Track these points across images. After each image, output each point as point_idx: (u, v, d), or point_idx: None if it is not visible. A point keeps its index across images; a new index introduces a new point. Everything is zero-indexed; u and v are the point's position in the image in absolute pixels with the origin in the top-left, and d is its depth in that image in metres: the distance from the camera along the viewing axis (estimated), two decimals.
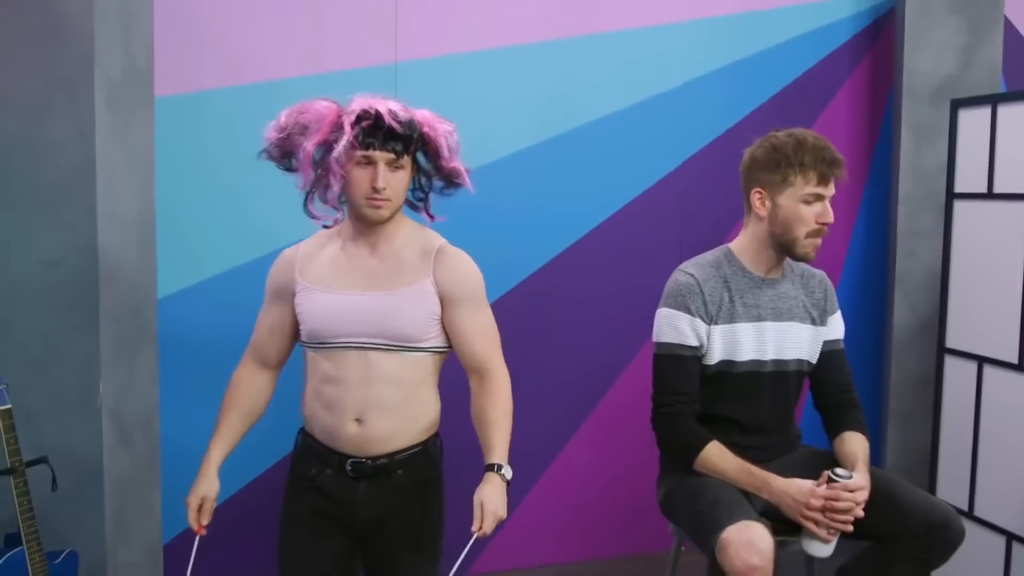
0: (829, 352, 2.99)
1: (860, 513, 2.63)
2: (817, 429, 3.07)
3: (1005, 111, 3.54)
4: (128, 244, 3.24)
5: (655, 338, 2.92)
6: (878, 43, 4.46)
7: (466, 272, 2.59)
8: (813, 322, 2.95)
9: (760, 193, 2.87)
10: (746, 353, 2.87)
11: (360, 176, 2.39)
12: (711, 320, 2.86)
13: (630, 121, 4.15)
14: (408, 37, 3.85)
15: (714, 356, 2.87)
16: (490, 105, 3.99)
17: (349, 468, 2.51)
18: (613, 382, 4.19)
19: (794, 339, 2.92)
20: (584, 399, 4.22)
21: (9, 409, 2.87)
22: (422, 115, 2.46)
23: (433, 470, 2.63)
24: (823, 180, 2.79)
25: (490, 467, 2.47)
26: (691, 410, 2.85)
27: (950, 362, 3.80)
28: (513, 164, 4.02)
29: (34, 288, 3.04)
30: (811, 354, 2.96)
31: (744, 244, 2.94)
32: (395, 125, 2.37)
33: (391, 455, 2.52)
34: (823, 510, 2.63)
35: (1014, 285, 3.46)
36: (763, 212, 2.87)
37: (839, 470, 2.68)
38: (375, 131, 2.36)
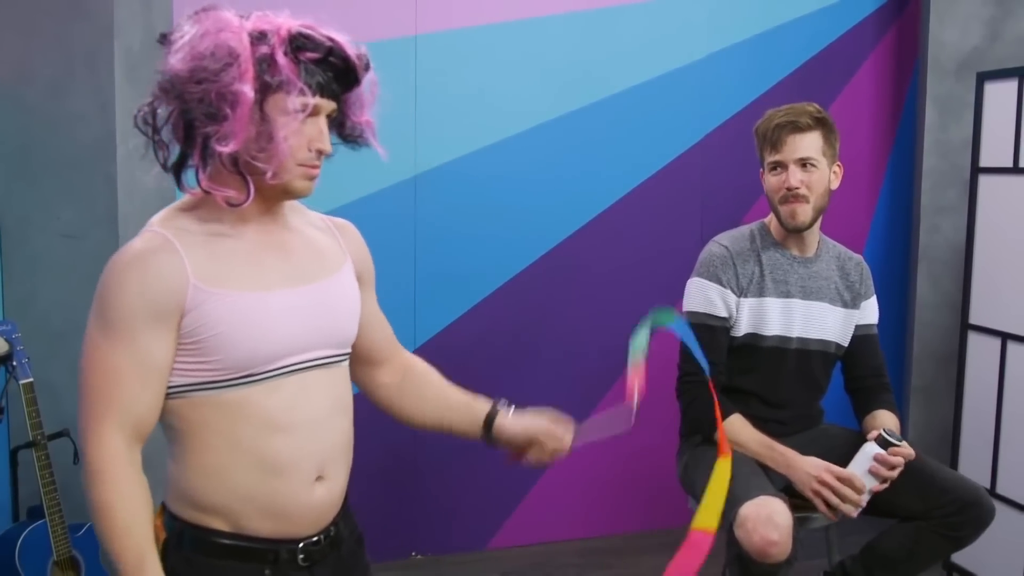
0: (863, 336, 2.97)
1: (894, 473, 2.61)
2: (842, 413, 3.05)
3: None
4: (148, 216, 3.23)
5: (685, 307, 2.92)
6: (903, 15, 4.41)
7: (366, 246, 1.99)
8: (845, 305, 2.93)
9: (762, 172, 2.90)
10: (773, 328, 2.86)
11: (296, 131, 1.64)
12: (741, 292, 2.86)
13: (651, 94, 4.12)
14: (428, 9, 3.83)
15: (741, 328, 2.87)
16: (510, 78, 3.97)
17: (302, 557, 1.75)
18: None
19: (821, 319, 2.90)
20: (603, 374, 4.21)
21: (31, 382, 2.88)
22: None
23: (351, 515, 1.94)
24: (774, 147, 2.80)
25: (492, 409, 2.15)
26: (716, 381, 2.82)
27: (973, 338, 3.77)
28: (534, 137, 4.01)
29: (55, 261, 3.05)
30: (840, 336, 2.94)
31: (774, 220, 2.94)
32: (359, 66, 1.70)
33: (336, 517, 1.84)
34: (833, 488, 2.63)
35: None
36: (765, 187, 2.89)
37: (890, 432, 2.65)
38: (322, 69, 1.65)
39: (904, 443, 2.63)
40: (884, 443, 2.62)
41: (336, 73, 1.67)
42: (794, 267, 2.89)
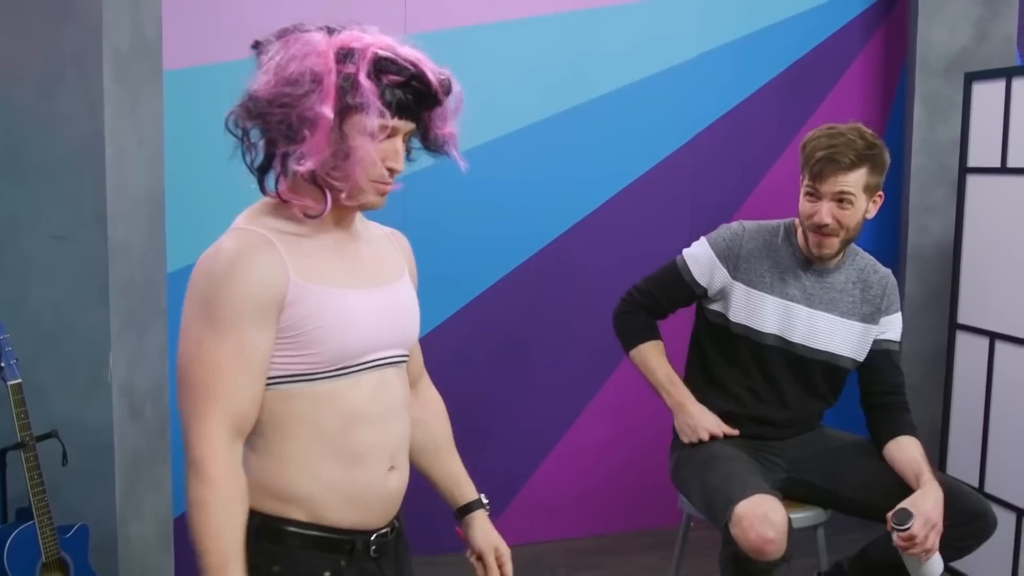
0: (882, 352, 2.94)
1: (930, 542, 2.59)
2: (841, 416, 3.06)
3: (1020, 84, 3.51)
4: (137, 218, 3.24)
5: (682, 250, 2.98)
6: (891, 15, 4.42)
7: (414, 257, 2.07)
8: (863, 319, 2.90)
9: (802, 180, 2.83)
10: (769, 326, 2.85)
11: (373, 151, 1.68)
12: (733, 273, 2.86)
13: (641, 94, 4.13)
14: (417, 9, 3.82)
15: (736, 315, 2.87)
16: (500, 78, 3.97)
17: (374, 548, 1.82)
18: (623, 357, 4.18)
19: (828, 331, 2.87)
20: (594, 374, 4.22)
21: (19, 383, 2.87)
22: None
23: None
24: (814, 177, 2.73)
25: (476, 502, 2.12)
26: (652, 315, 3.05)
27: (962, 337, 3.78)
28: (524, 137, 4.01)
29: (44, 262, 3.04)
30: (854, 350, 2.90)
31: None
32: (440, 91, 1.77)
33: (400, 510, 1.91)
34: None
35: None
36: (799, 206, 2.84)
37: (898, 518, 2.60)
38: (404, 91, 1.69)
39: (911, 524, 2.56)
40: (898, 521, 2.59)
41: (416, 95, 1.71)
42: (807, 274, 2.86)
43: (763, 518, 2.49)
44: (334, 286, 1.73)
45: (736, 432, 2.87)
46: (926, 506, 2.58)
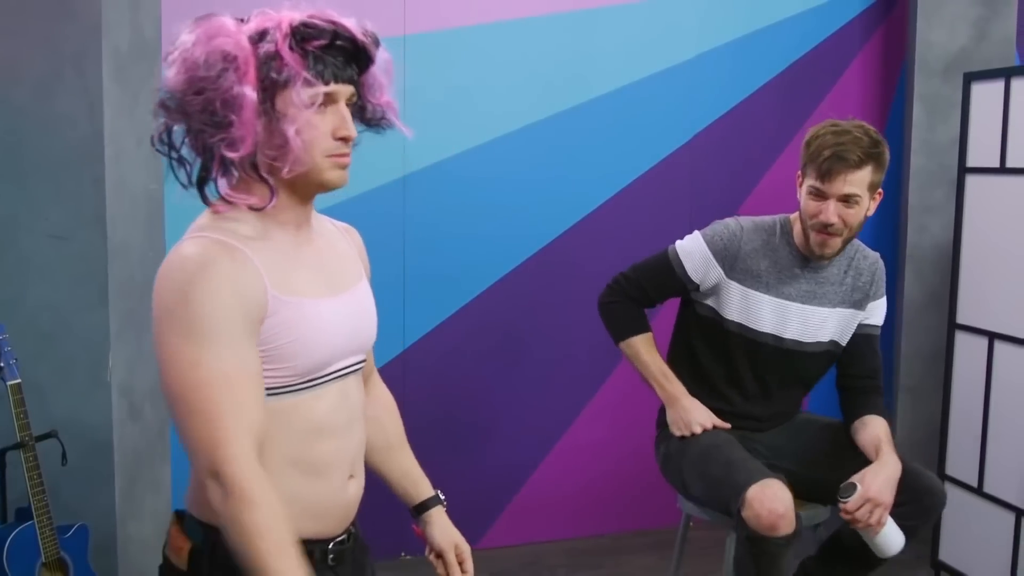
0: (864, 336, 2.95)
1: (874, 518, 2.64)
2: (824, 408, 3.07)
3: (1019, 85, 3.51)
4: (136, 218, 3.24)
5: (677, 243, 2.98)
6: (891, 15, 4.42)
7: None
8: (853, 305, 2.91)
9: (800, 177, 2.82)
10: (766, 325, 2.87)
11: (316, 123, 1.59)
12: (729, 272, 2.86)
13: (641, 94, 4.13)
14: (417, 9, 3.82)
15: (731, 313, 2.88)
16: (499, 78, 3.97)
17: (331, 556, 1.77)
18: (620, 360, 4.18)
19: (820, 324, 2.89)
20: (593, 374, 4.22)
21: (19, 383, 2.87)
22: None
23: None
24: (821, 176, 2.71)
25: (433, 499, 2.07)
26: (641, 304, 3.05)
27: (961, 337, 3.78)
28: (523, 137, 4.01)
29: (43, 262, 3.04)
30: (839, 334, 2.92)
31: (799, 224, 2.89)
32: (366, 42, 1.65)
33: (355, 515, 1.86)
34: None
35: None
36: (799, 196, 2.82)
37: (843, 491, 2.68)
38: (331, 54, 1.60)
39: (850, 499, 2.63)
40: (842, 494, 2.68)
41: (347, 56, 1.62)
42: (804, 272, 2.87)
43: (772, 497, 2.56)
44: (305, 296, 1.65)
45: (728, 427, 2.91)
46: (874, 481, 2.64)
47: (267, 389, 1.61)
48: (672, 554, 3.20)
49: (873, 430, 2.81)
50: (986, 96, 3.66)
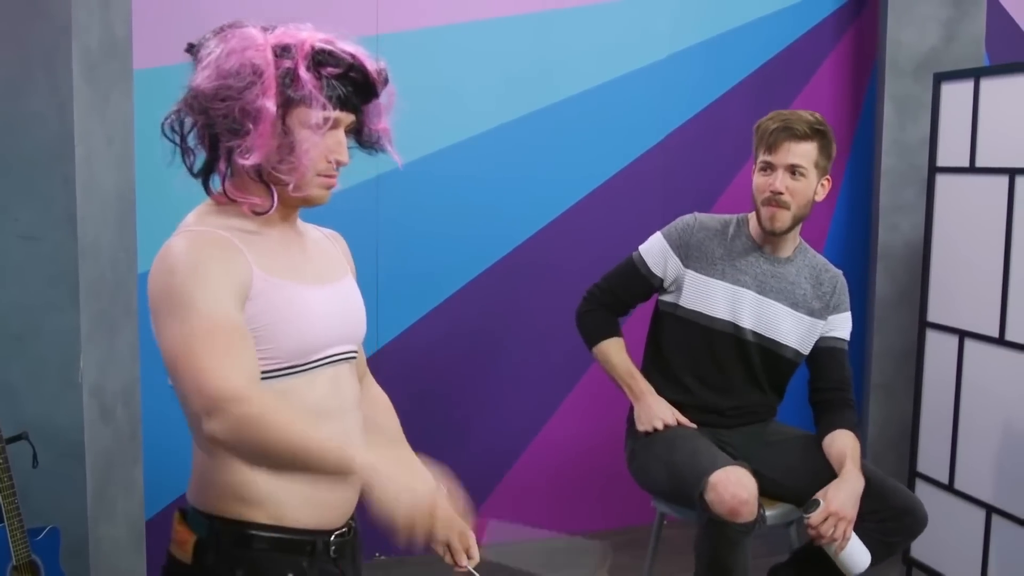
0: (830, 349, 2.99)
1: (838, 532, 2.66)
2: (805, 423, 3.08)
3: (988, 85, 3.54)
4: (107, 218, 3.22)
5: (640, 247, 3.07)
6: (861, 16, 4.45)
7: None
8: (811, 313, 2.96)
9: (754, 167, 2.94)
10: (720, 312, 2.92)
11: (316, 144, 1.69)
12: (685, 261, 2.95)
13: (614, 94, 4.14)
14: (389, 9, 3.82)
15: (688, 301, 2.95)
16: (472, 78, 3.97)
17: (333, 549, 1.82)
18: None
19: (775, 320, 2.93)
20: (568, 372, 4.23)
21: None
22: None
23: None
24: (768, 148, 2.84)
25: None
26: (614, 311, 3.15)
27: (931, 336, 3.81)
28: (495, 137, 4.01)
29: (13, 263, 3.01)
30: (799, 343, 2.97)
31: (754, 219, 2.99)
32: (378, 82, 1.75)
33: (354, 509, 1.88)
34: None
35: (995, 259, 3.47)
36: (753, 188, 2.93)
37: (807, 507, 2.70)
38: (343, 83, 1.69)
39: (812, 514, 2.65)
40: (806, 509, 2.70)
41: (355, 87, 1.71)
42: (759, 261, 2.93)
43: (736, 482, 2.60)
44: (292, 280, 1.73)
45: (693, 426, 2.95)
46: (838, 496, 2.66)
47: (261, 373, 1.66)
48: (646, 553, 3.21)
49: (840, 445, 2.84)
50: (956, 96, 3.69)
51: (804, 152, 2.82)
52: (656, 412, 2.95)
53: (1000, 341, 3.47)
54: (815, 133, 2.83)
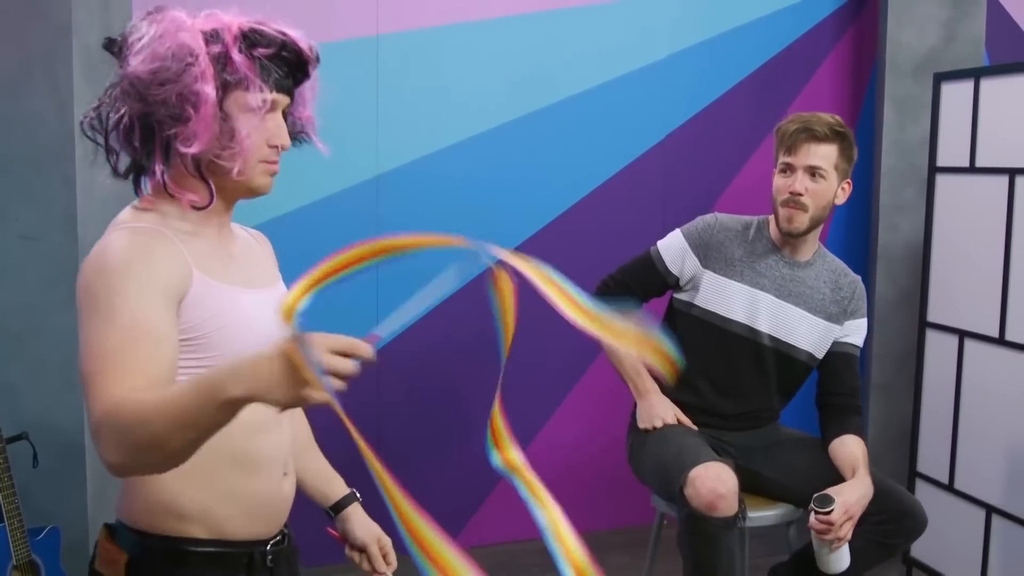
0: (843, 354, 2.99)
1: (844, 531, 2.66)
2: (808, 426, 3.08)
3: (988, 85, 3.54)
4: (107, 218, 3.19)
5: (657, 242, 3.06)
6: (861, 16, 4.45)
7: None
8: (828, 318, 2.95)
9: (774, 170, 2.92)
10: (737, 314, 2.90)
11: (257, 127, 1.62)
12: (704, 261, 2.93)
13: (614, 94, 4.14)
14: (389, 9, 3.82)
15: (703, 301, 2.94)
16: (472, 78, 3.97)
17: (269, 558, 1.76)
18: (595, 358, 4.19)
19: (793, 323, 2.92)
20: (567, 372, 4.23)
21: None
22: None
23: None
24: (788, 149, 2.83)
25: (349, 496, 2.04)
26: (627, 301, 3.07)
27: (931, 336, 3.81)
28: (496, 137, 4.01)
29: (13, 263, 3.01)
30: (814, 346, 2.96)
31: (773, 221, 2.96)
32: (311, 57, 1.67)
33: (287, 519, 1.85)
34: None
35: (995, 259, 3.47)
36: (772, 189, 2.92)
37: (820, 501, 2.69)
38: (276, 64, 1.63)
39: (831, 509, 2.64)
40: (819, 504, 2.68)
41: (289, 67, 1.65)
42: (778, 265, 2.92)
43: (715, 478, 2.62)
44: (230, 284, 1.65)
45: (695, 428, 2.95)
46: (850, 496, 2.67)
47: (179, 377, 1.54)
48: (646, 553, 3.21)
49: (850, 450, 2.83)
50: (956, 96, 3.68)
51: (824, 154, 2.81)
52: (657, 411, 2.95)
53: (1000, 341, 3.47)
54: (835, 135, 2.82)
